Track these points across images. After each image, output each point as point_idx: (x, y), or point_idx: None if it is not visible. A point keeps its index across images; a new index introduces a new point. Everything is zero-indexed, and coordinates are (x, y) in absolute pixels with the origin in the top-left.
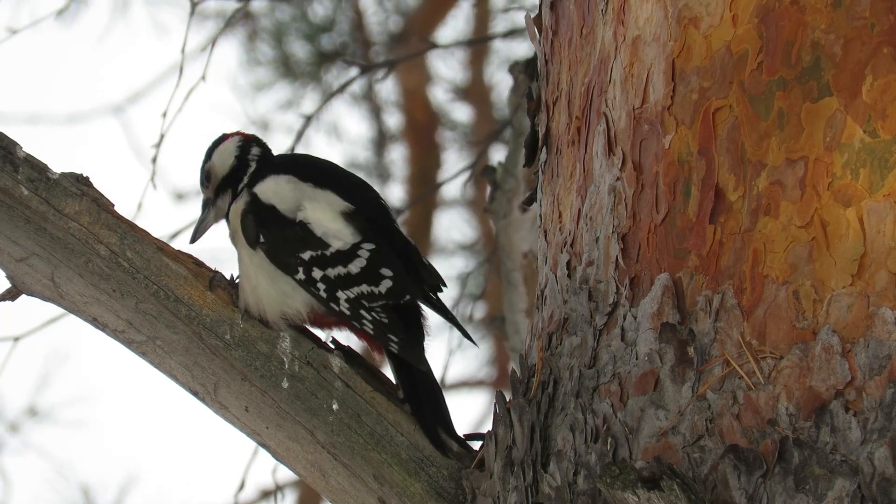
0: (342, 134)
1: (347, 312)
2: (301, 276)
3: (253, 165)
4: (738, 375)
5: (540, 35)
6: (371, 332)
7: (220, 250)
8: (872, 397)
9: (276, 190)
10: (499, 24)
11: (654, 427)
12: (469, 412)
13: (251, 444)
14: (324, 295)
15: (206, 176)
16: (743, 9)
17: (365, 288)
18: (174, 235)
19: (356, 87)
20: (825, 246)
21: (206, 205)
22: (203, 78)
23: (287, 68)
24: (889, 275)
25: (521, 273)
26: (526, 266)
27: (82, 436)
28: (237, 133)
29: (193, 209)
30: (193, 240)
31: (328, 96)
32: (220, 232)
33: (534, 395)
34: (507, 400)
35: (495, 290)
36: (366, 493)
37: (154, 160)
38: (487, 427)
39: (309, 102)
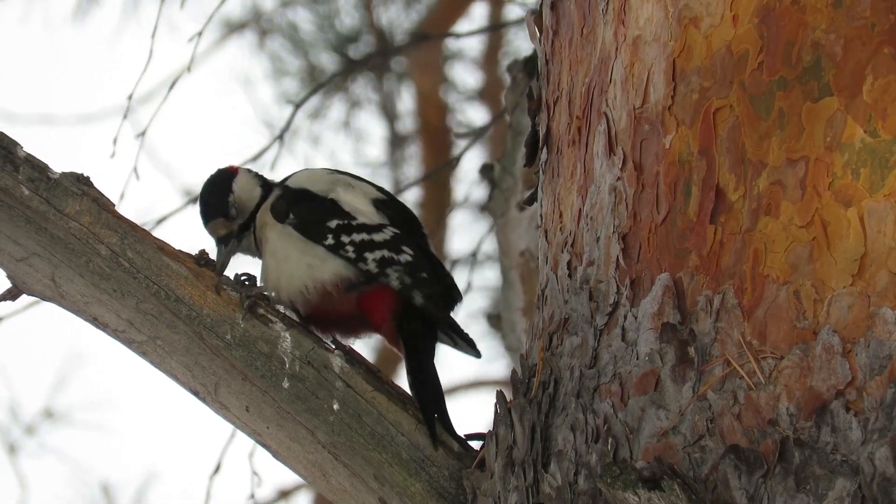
0: (358, 134)
1: (375, 270)
2: (330, 241)
3: (277, 189)
4: (738, 375)
5: (540, 35)
6: (397, 286)
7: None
8: (873, 397)
9: (309, 176)
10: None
11: (655, 427)
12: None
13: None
14: (352, 255)
15: (235, 207)
16: (743, 9)
17: (387, 253)
18: (160, 221)
19: (372, 93)
20: (826, 246)
21: (228, 237)
22: (188, 69)
23: (313, 78)
24: (890, 275)
25: (517, 272)
26: (523, 265)
27: (99, 438)
28: (234, 168)
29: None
30: (220, 273)
31: (339, 72)
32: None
33: (534, 395)
34: (508, 400)
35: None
36: (366, 493)
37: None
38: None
39: (336, 112)
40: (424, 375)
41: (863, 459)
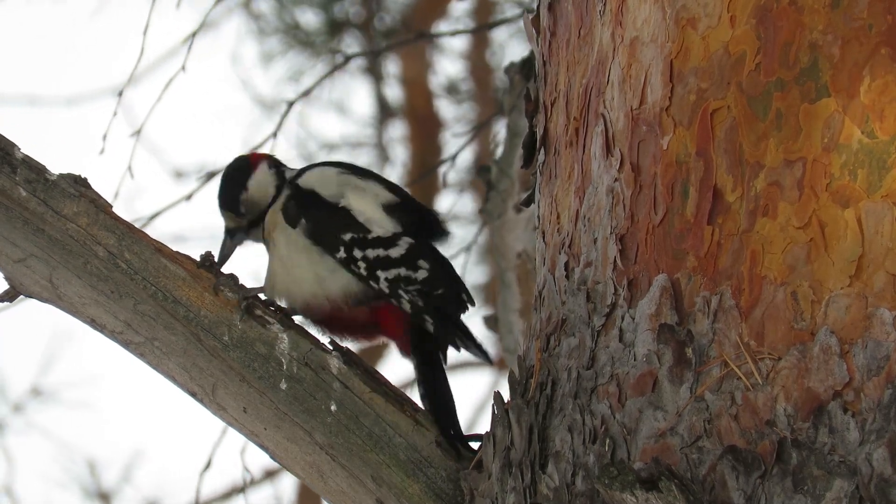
0: (345, 110)
1: (387, 290)
2: (342, 254)
3: (287, 189)
4: (736, 376)
5: (538, 36)
6: (409, 310)
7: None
8: (871, 398)
9: (319, 177)
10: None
11: (653, 428)
12: (471, 394)
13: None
14: (364, 273)
15: (245, 206)
16: (741, 10)
17: (403, 271)
18: (153, 216)
19: (360, 62)
20: (823, 247)
21: (236, 230)
22: (183, 68)
23: (296, 38)
24: (887, 275)
25: (514, 273)
26: (520, 266)
27: (86, 416)
28: (257, 157)
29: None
30: (220, 265)
31: (330, 71)
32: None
33: (532, 397)
34: (506, 401)
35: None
36: (364, 494)
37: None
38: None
39: (318, 73)
40: (437, 389)
41: (860, 460)
